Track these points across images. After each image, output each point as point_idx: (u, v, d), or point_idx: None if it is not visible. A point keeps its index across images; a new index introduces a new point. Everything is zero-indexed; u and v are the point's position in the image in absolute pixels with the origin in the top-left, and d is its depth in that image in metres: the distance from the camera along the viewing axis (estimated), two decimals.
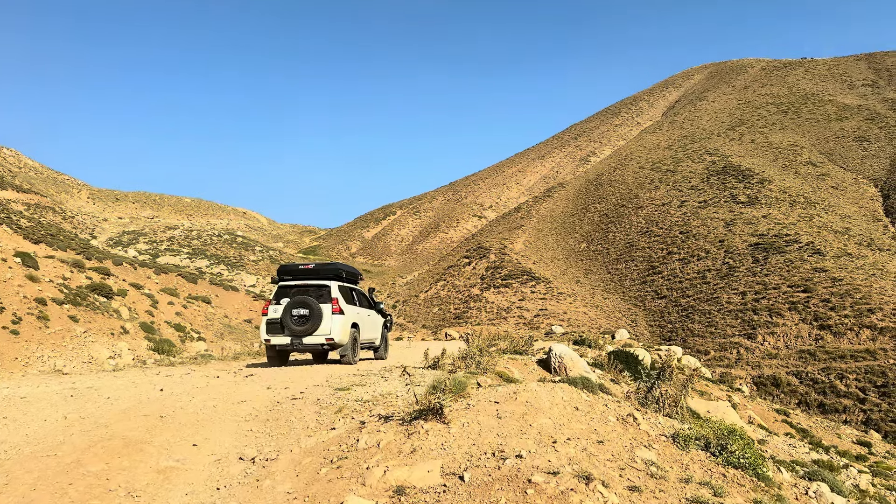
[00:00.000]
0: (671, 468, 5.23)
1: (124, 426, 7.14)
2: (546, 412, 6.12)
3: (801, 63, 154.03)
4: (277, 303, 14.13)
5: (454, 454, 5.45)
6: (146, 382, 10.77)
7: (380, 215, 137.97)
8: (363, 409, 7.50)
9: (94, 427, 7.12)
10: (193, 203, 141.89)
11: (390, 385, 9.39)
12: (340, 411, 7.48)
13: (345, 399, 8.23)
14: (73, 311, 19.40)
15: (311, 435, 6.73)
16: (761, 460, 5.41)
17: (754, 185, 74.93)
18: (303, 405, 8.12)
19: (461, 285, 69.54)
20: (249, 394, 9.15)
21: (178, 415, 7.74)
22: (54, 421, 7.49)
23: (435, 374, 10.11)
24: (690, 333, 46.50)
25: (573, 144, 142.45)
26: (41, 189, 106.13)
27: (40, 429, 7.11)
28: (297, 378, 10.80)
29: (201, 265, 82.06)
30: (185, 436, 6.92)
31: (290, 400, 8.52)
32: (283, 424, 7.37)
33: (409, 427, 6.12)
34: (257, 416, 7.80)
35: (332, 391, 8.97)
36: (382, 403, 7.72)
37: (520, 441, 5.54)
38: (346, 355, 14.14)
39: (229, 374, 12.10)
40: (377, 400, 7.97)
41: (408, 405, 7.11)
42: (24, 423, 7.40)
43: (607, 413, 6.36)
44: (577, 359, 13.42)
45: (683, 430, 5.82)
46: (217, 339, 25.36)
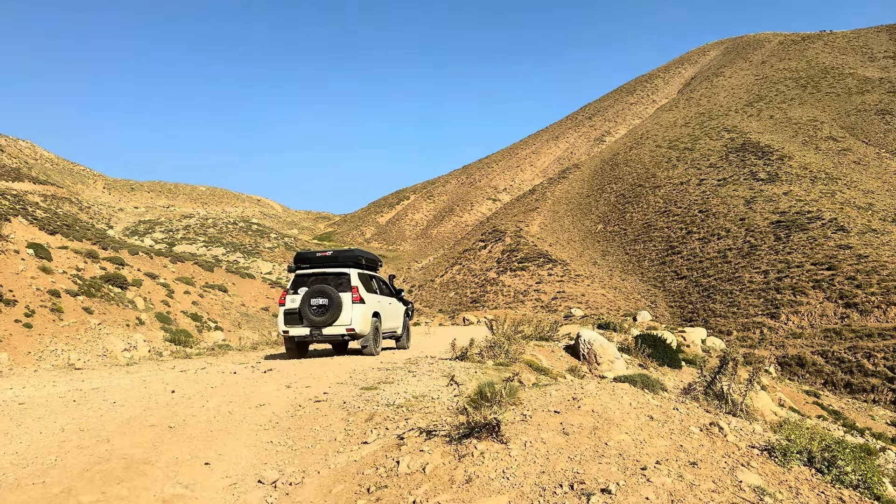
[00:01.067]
0: (783, 495, 4.42)
1: (127, 441, 6.34)
2: (619, 425, 5.28)
3: (819, 36, 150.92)
4: (295, 292, 13.58)
5: (521, 487, 4.54)
6: (157, 381, 10.11)
7: (393, 200, 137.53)
8: (397, 417, 6.67)
9: (93, 442, 6.32)
10: (208, 191, 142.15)
11: (422, 383, 8.68)
12: (371, 419, 6.70)
13: (374, 402, 7.49)
14: (87, 302, 19.12)
15: (340, 450, 5.96)
16: (876, 476, 4.60)
17: (774, 161, 73.62)
18: (328, 409, 7.38)
19: (477, 269, 69.05)
20: (268, 394, 8.44)
21: (190, 424, 6.95)
22: (50, 434, 6.74)
23: (463, 365, 9.63)
24: (712, 314, 45.78)
25: (587, 124, 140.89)
26: (57, 180, 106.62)
27: (32, 445, 6.33)
28: (319, 373, 10.17)
29: (217, 253, 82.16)
30: (197, 451, 6.15)
31: (314, 402, 7.78)
32: (306, 434, 6.62)
33: (459, 447, 5.17)
34: (277, 424, 7.03)
35: (359, 391, 8.28)
36: (419, 410, 6.90)
37: (600, 467, 4.69)
38: (368, 346, 13.57)
39: (247, 368, 11.47)
40: (411, 404, 7.17)
41: (449, 412, 6.32)
42: (17, 437, 6.66)
43: (686, 422, 5.51)
44: (606, 345, 12.92)
45: (780, 442, 4.98)
46: (234, 329, 25.07)
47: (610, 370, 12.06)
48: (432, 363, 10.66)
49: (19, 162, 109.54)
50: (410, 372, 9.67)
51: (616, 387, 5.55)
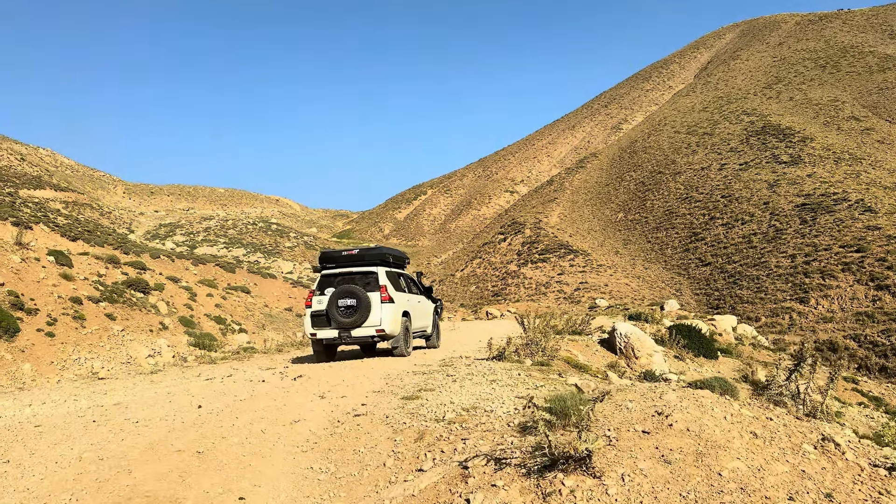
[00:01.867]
0: None
1: (151, 472, 5.64)
2: (725, 447, 4.43)
3: (837, 15, 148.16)
4: (321, 293, 13.16)
5: None
6: (183, 393, 9.54)
7: (410, 196, 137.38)
8: (452, 437, 5.89)
9: (113, 475, 5.63)
10: (227, 193, 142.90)
11: (467, 391, 7.95)
12: (422, 439, 5.95)
13: (420, 416, 6.77)
14: (109, 308, 19.01)
15: (392, 480, 5.23)
16: None
17: (796, 143, 72.32)
18: (370, 426, 6.69)
19: (497, 262, 68.66)
20: (302, 407, 7.81)
21: (220, 448, 6.24)
22: (67, 465, 6.02)
23: (503, 366, 9.23)
24: (739, 300, 45.04)
25: (604, 112, 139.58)
26: (78, 186, 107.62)
27: (46, 479, 5.66)
28: (352, 380, 9.67)
29: (238, 254, 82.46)
30: (229, 482, 5.45)
31: (352, 417, 7.13)
32: (350, 458, 5.93)
33: (540, 482, 4.27)
34: (316, 445, 6.35)
35: (400, 402, 7.61)
36: (474, 427, 6.09)
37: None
38: (399, 347, 13.16)
39: (275, 375, 10.99)
40: (464, 420, 6.36)
41: (512, 431, 5.56)
42: (30, 468, 5.98)
43: (795, 438, 4.72)
44: (644, 338, 12.51)
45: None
46: (258, 330, 24.90)
47: (649, 364, 11.68)
48: (470, 365, 10.22)
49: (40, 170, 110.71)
50: (449, 376, 9.20)
51: (699, 396, 4.93)
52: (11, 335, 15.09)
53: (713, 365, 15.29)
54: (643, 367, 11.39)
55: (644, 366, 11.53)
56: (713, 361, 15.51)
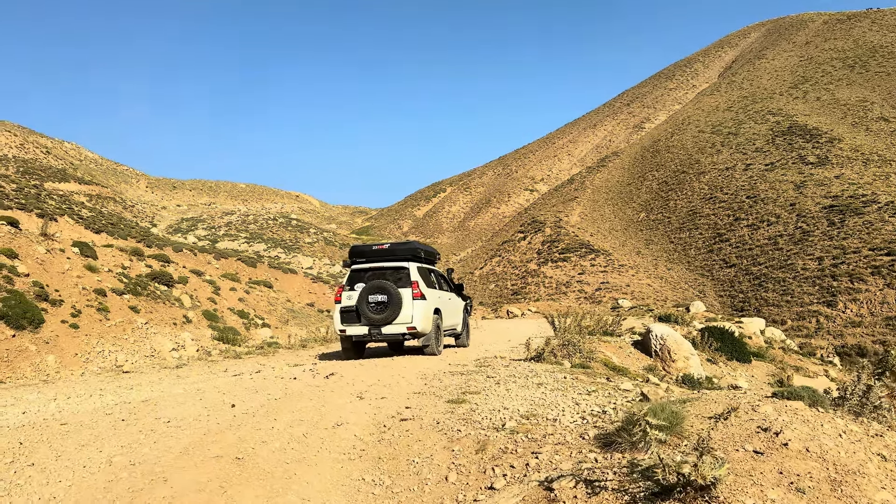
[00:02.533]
0: None
1: (189, 479, 5.15)
2: (860, 472, 3.82)
3: (866, 14, 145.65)
4: (351, 288, 12.84)
5: None
6: (212, 390, 9.11)
7: (430, 193, 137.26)
8: (521, 450, 5.27)
9: (147, 483, 5.14)
10: (248, 188, 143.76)
11: (514, 394, 7.42)
12: (484, 450, 5.32)
13: (475, 423, 6.20)
14: (133, 301, 18.94)
15: (459, 500, 4.71)
16: None
17: (823, 144, 71.09)
18: (420, 433, 6.17)
19: (517, 260, 68.25)
20: (341, 409, 7.35)
21: (260, 454, 5.75)
22: (96, 469, 5.54)
23: (544, 368, 8.90)
24: (764, 303, 44.31)
25: (626, 111, 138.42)
26: (102, 180, 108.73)
27: (74, 486, 5.19)
28: (387, 379, 9.25)
29: (259, 249, 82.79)
30: (275, 495, 4.96)
31: (399, 422, 6.62)
32: (405, 469, 5.39)
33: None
34: (364, 453, 5.85)
35: (446, 406, 7.10)
36: (543, 438, 5.45)
37: None
38: (430, 345, 12.82)
39: (306, 372, 10.58)
40: (528, 430, 5.75)
41: (589, 444, 4.99)
42: (56, 474, 5.50)
43: None
44: (680, 340, 12.12)
45: None
46: (281, 325, 24.80)
47: (686, 368, 11.31)
48: (508, 366, 9.83)
49: (65, 163, 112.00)
50: (490, 378, 8.76)
51: (797, 409, 4.46)
52: (36, 326, 15.06)
53: (746, 369, 14.88)
54: (679, 371, 11.03)
55: (680, 369, 11.16)
56: (746, 365, 15.11)
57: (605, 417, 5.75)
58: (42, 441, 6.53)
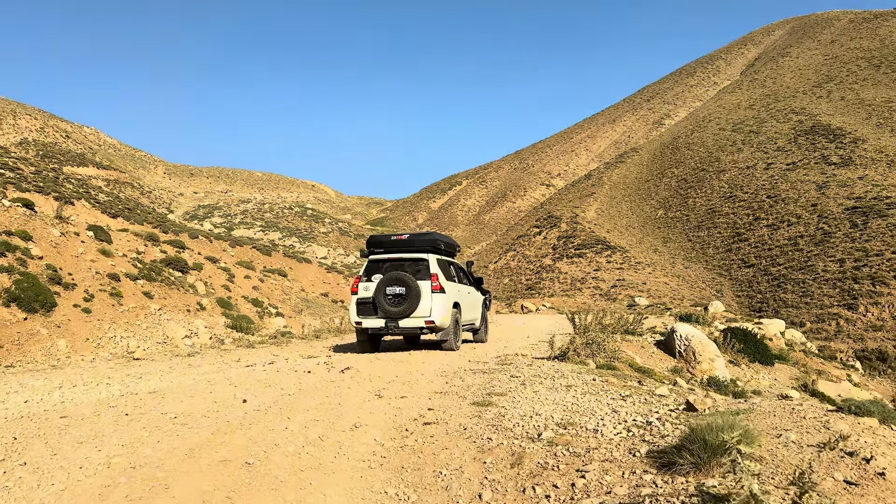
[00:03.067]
0: None
1: (193, 488, 4.76)
2: None
3: (893, 14, 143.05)
4: (368, 279, 12.50)
5: None
6: (223, 382, 8.77)
7: (445, 186, 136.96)
8: (563, 466, 4.72)
9: (146, 490, 4.74)
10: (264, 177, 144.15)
11: (545, 398, 6.92)
12: (520, 464, 4.79)
13: (506, 431, 5.70)
14: (147, 286, 18.77)
15: None
16: None
17: (847, 144, 69.91)
18: (446, 439, 5.69)
19: (532, 255, 67.82)
20: (360, 409, 6.96)
21: (273, 458, 5.34)
22: (92, 472, 5.14)
23: (571, 368, 8.57)
24: (783, 304, 43.65)
25: (646, 107, 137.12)
26: (120, 165, 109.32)
27: (66, 491, 4.78)
28: (405, 376, 8.80)
29: (274, 237, 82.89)
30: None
31: (422, 426, 6.16)
32: (432, 483, 4.89)
33: None
34: (385, 461, 5.38)
35: (472, 409, 6.65)
36: (586, 452, 4.89)
37: None
38: (448, 340, 12.42)
39: (320, 365, 10.21)
40: (567, 441, 5.21)
41: (642, 462, 4.45)
42: (49, 475, 5.11)
43: None
44: (706, 341, 11.74)
45: None
46: (295, 315, 24.60)
47: (711, 370, 10.95)
48: (531, 365, 9.43)
49: (84, 147, 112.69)
50: (514, 377, 8.31)
51: (871, 428, 3.95)
52: (48, 310, 14.94)
53: (769, 372, 14.48)
54: (704, 373, 10.66)
55: (706, 371, 10.80)
56: (769, 368, 14.71)
57: (653, 430, 5.25)
58: (38, 436, 6.21)
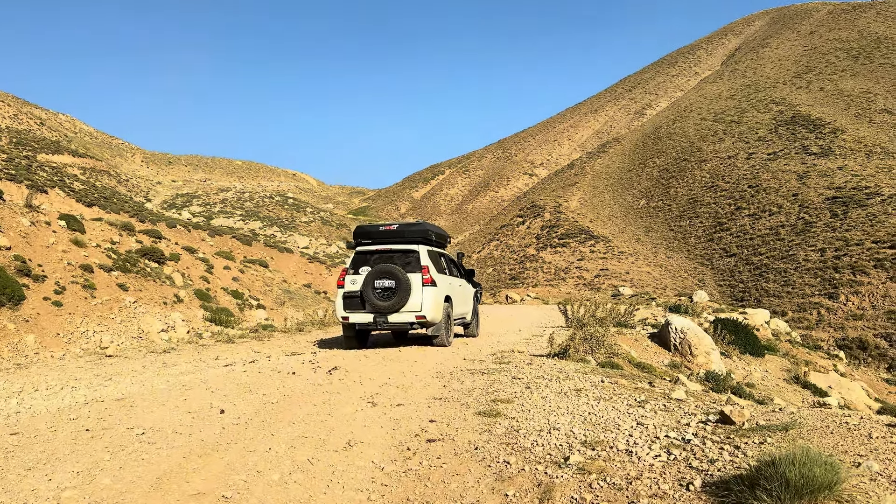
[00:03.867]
0: None
1: None
2: None
3: (871, 5, 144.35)
4: (356, 272, 11.94)
5: None
6: (200, 385, 8.07)
7: (428, 175, 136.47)
8: (602, 503, 3.91)
9: None
10: (244, 165, 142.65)
11: (556, 405, 6.30)
12: (549, 497, 3.98)
13: (523, 449, 5.03)
14: (121, 278, 18.15)
15: None
16: None
17: (826, 135, 70.41)
18: (455, 462, 4.96)
19: (515, 245, 67.66)
20: (352, 421, 6.21)
21: (255, 490, 4.58)
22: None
23: (576, 368, 8.13)
24: (765, 293, 43.85)
25: (627, 97, 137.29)
26: (96, 153, 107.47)
27: None
28: (399, 378, 8.18)
29: (254, 227, 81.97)
30: None
31: (426, 443, 5.43)
32: None
33: None
34: (388, 490, 4.63)
35: (477, 420, 5.95)
36: (627, 484, 4.06)
37: None
38: (440, 335, 11.97)
39: (305, 364, 9.58)
40: (601, 467, 4.41)
41: (695, 496, 3.72)
42: None
43: None
44: (701, 334, 11.48)
45: None
46: (277, 307, 24.07)
47: (707, 363, 10.71)
48: (531, 363, 8.95)
49: (59, 135, 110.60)
50: (517, 379, 7.67)
51: None
52: (16, 303, 14.34)
53: (760, 363, 14.33)
54: (701, 367, 10.42)
55: (702, 365, 10.55)
56: (759, 360, 14.54)
57: (696, 452, 4.54)
58: None
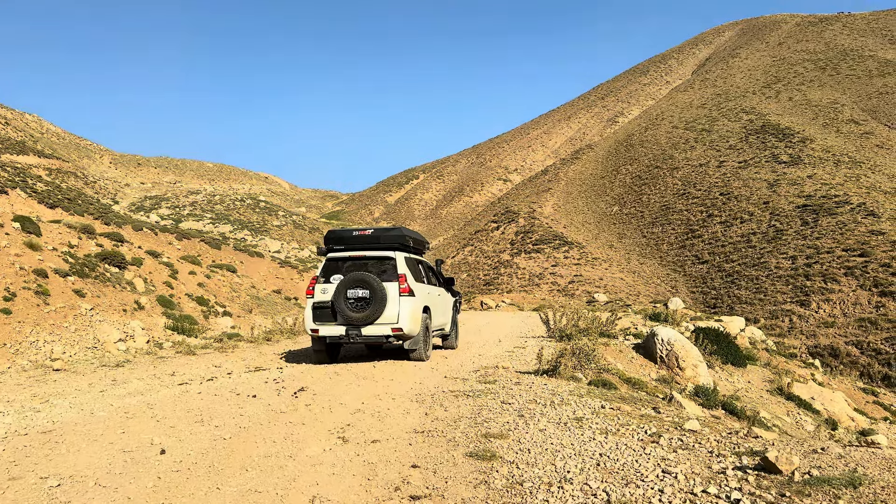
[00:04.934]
0: None
1: None
2: None
3: (837, 18, 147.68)
4: (327, 280, 11.10)
5: None
6: (144, 413, 7.03)
7: (402, 179, 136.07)
8: None
9: None
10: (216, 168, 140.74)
11: (563, 443, 5.57)
12: None
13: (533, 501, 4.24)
14: (78, 283, 17.25)
15: None
16: None
17: (796, 144, 71.40)
18: None
19: (490, 250, 67.39)
20: (318, 464, 5.28)
21: None
22: None
23: (570, 389, 7.50)
24: (737, 300, 44.06)
25: (600, 104, 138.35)
26: (63, 154, 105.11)
27: None
28: (374, 402, 7.30)
29: (224, 230, 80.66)
30: None
31: (409, 501, 4.45)
32: None
33: None
34: None
35: (470, 465, 5.01)
36: None
37: None
38: (418, 349, 11.18)
39: (269, 384, 8.77)
40: None
41: None
42: None
43: None
44: (689, 346, 11.10)
45: None
46: (244, 314, 23.26)
47: (695, 377, 10.34)
48: (519, 383, 8.21)
49: (24, 135, 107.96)
50: (507, 405, 6.85)
51: None
52: None
53: (742, 374, 14.05)
54: (689, 381, 10.05)
55: (690, 378, 10.18)
56: (741, 370, 14.29)
57: None
58: None
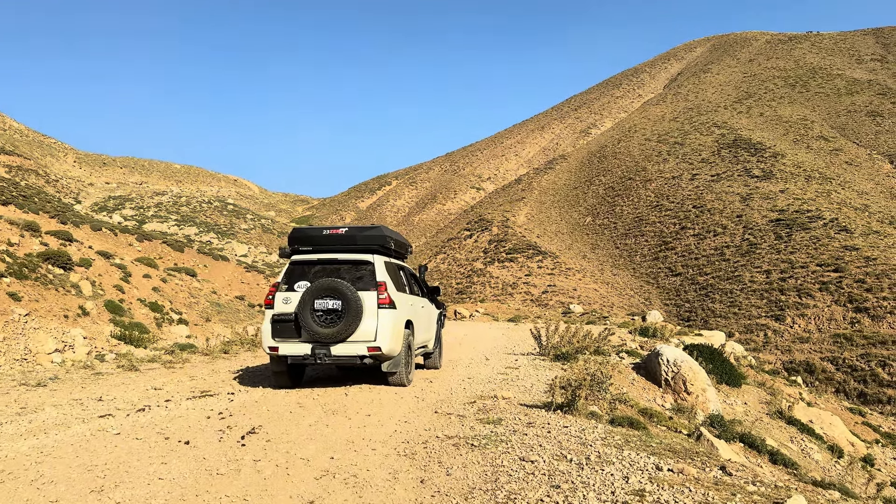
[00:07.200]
0: None
1: None
2: None
3: (806, 37, 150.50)
4: (290, 288, 9.21)
5: None
6: (26, 471, 5.35)
7: (375, 185, 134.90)
8: None
9: None
10: (183, 169, 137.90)
11: None
12: None
13: None
14: (14, 286, 15.70)
15: None
16: None
17: (767, 158, 71.90)
18: None
19: (462, 259, 66.47)
20: None
21: None
22: None
23: (593, 434, 6.47)
24: (712, 314, 43.66)
25: (573, 116, 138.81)
26: (25, 151, 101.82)
27: None
28: (347, 455, 5.67)
29: (190, 233, 78.53)
30: None
31: None
32: None
33: None
34: None
35: None
36: None
37: None
38: (398, 372, 9.38)
39: (212, 420, 7.14)
40: None
41: None
42: None
43: None
44: (697, 369, 10.09)
45: None
46: (202, 322, 21.68)
47: (704, 402, 9.41)
48: (532, 424, 6.65)
49: None
50: (528, 463, 5.32)
51: None
52: None
53: (739, 395, 13.17)
54: (698, 406, 9.09)
55: (698, 404, 9.23)
56: (737, 390, 13.41)
57: None
58: None
